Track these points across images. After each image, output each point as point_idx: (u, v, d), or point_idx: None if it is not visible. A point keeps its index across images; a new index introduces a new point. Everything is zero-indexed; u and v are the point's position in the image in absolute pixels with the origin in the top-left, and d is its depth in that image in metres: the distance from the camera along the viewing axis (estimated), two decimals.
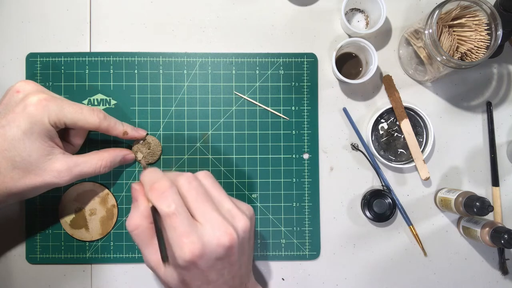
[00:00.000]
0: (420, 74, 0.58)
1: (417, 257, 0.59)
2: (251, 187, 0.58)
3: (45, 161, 0.46)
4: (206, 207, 0.42)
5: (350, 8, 0.59)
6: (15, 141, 0.44)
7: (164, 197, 0.41)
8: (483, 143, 0.59)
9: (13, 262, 0.57)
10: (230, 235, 0.41)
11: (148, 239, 0.44)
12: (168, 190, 0.41)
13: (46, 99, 0.45)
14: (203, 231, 0.40)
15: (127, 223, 0.44)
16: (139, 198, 0.44)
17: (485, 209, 0.49)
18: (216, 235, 0.40)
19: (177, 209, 0.40)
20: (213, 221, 0.41)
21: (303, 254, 0.58)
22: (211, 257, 0.40)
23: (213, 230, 0.40)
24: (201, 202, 0.42)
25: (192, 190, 0.42)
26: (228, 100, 0.58)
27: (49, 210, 0.57)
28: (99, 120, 0.49)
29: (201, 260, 0.40)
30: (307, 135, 0.58)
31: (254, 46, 0.59)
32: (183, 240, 0.39)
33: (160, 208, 0.41)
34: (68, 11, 0.58)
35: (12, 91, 0.47)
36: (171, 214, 0.40)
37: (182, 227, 0.40)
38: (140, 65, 0.58)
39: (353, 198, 0.59)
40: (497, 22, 0.50)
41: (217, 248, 0.40)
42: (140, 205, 0.44)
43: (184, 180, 0.43)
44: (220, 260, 0.41)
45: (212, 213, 0.41)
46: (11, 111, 0.45)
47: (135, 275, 0.58)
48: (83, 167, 0.49)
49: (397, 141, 0.58)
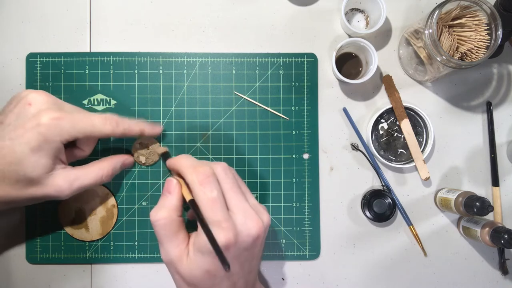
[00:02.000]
0: (420, 74, 0.58)
1: (417, 257, 0.59)
2: (251, 187, 0.58)
3: (47, 176, 0.46)
4: (240, 198, 0.43)
5: (350, 8, 0.59)
6: (22, 157, 0.44)
7: (208, 181, 0.42)
8: (483, 143, 0.59)
9: (13, 262, 0.57)
10: (260, 226, 0.42)
11: (173, 232, 0.44)
12: (211, 176, 0.43)
13: (58, 117, 0.45)
14: (236, 220, 0.42)
15: (155, 213, 0.44)
16: (174, 190, 0.45)
17: (485, 209, 0.49)
18: (248, 225, 0.42)
19: (218, 195, 0.42)
20: (245, 212, 0.43)
21: (303, 254, 0.58)
22: (241, 246, 0.42)
23: (245, 219, 0.42)
24: (235, 192, 0.44)
25: (229, 179, 0.44)
26: (228, 100, 0.58)
27: (49, 210, 0.57)
28: (112, 128, 0.49)
29: (233, 247, 0.41)
30: (307, 135, 0.58)
31: (254, 46, 0.59)
32: (221, 225, 0.41)
33: (204, 191, 0.42)
34: (68, 11, 0.58)
35: (24, 102, 0.46)
36: (213, 200, 0.41)
37: (221, 212, 0.41)
38: (140, 65, 0.58)
39: (353, 198, 0.59)
40: (497, 22, 0.50)
41: (247, 237, 0.42)
42: (174, 197, 0.44)
43: (221, 169, 0.44)
44: (246, 250, 0.43)
45: (245, 204, 0.43)
46: (21, 126, 0.44)
47: (135, 275, 0.58)
48: (84, 179, 0.49)
49: (397, 141, 0.58)
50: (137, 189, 0.57)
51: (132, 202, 0.57)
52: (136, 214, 0.57)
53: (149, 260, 0.57)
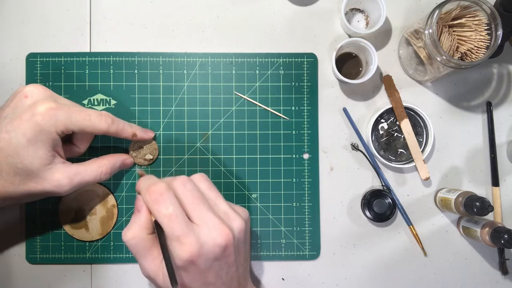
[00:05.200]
0: (420, 74, 0.58)
1: (417, 257, 0.59)
2: (251, 187, 0.58)
3: (45, 170, 0.46)
4: (202, 209, 0.42)
5: (350, 8, 0.59)
6: (19, 148, 0.44)
7: (162, 199, 0.41)
8: (483, 143, 0.59)
9: (13, 262, 0.57)
10: (226, 235, 0.41)
11: (146, 249, 0.44)
12: (165, 193, 0.42)
13: (54, 108, 0.45)
14: (200, 232, 0.41)
15: (125, 233, 0.44)
16: (142, 208, 0.44)
17: (485, 209, 0.49)
18: (212, 235, 0.41)
19: (174, 211, 0.41)
20: (209, 222, 0.41)
21: (303, 254, 0.58)
22: (209, 257, 0.41)
23: (209, 230, 0.41)
24: (196, 204, 0.42)
25: (188, 192, 0.43)
26: (228, 100, 0.58)
27: (49, 210, 0.57)
28: (107, 125, 0.49)
29: (199, 260, 0.40)
30: (307, 135, 0.58)
31: (254, 46, 0.59)
32: (181, 241, 0.40)
33: (158, 210, 0.41)
34: (68, 11, 0.58)
35: (20, 95, 0.46)
36: (169, 216, 0.41)
37: (180, 228, 0.40)
38: (140, 65, 0.58)
39: (353, 198, 0.59)
40: (497, 22, 0.50)
41: (214, 248, 0.41)
42: (142, 215, 0.44)
43: (179, 184, 0.43)
44: (217, 260, 0.41)
45: (208, 214, 0.42)
46: (18, 117, 0.44)
47: (135, 275, 0.58)
48: (83, 176, 0.49)
49: (397, 141, 0.58)
50: None
51: (132, 202, 0.57)
52: None
53: None
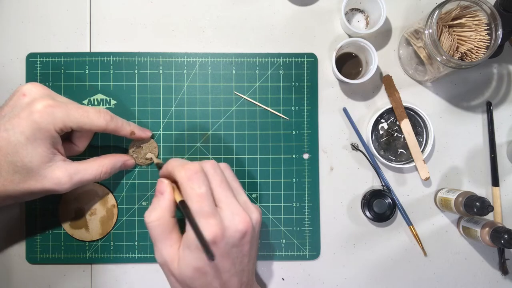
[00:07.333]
0: (420, 74, 0.58)
1: (417, 257, 0.59)
2: (251, 187, 0.58)
3: (45, 168, 0.46)
4: (228, 194, 0.44)
5: (350, 8, 0.59)
6: (18, 146, 0.44)
7: (197, 177, 0.42)
8: (483, 143, 0.59)
9: (13, 262, 0.57)
10: (247, 222, 0.43)
11: (167, 232, 0.44)
12: (200, 172, 0.43)
13: (52, 105, 0.45)
14: (224, 215, 0.42)
15: (148, 214, 0.44)
16: (166, 191, 0.45)
17: (485, 209, 0.49)
18: (235, 220, 0.42)
19: (206, 191, 0.42)
20: (233, 208, 0.43)
21: (303, 254, 0.58)
22: (229, 242, 0.42)
23: (232, 215, 0.42)
24: (223, 188, 0.44)
25: (217, 176, 0.44)
26: (228, 100, 0.58)
27: (49, 210, 0.57)
28: (106, 122, 0.49)
29: (221, 243, 0.41)
30: (307, 135, 0.58)
31: (254, 46, 0.59)
32: (208, 221, 0.41)
33: (192, 187, 0.42)
34: (68, 11, 0.58)
35: (18, 93, 0.46)
36: (201, 195, 0.42)
37: (208, 208, 0.41)
38: (140, 65, 0.58)
39: (353, 198, 0.59)
40: (497, 22, 0.50)
41: (235, 233, 0.42)
42: (166, 198, 0.44)
43: (209, 166, 0.44)
44: (235, 247, 0.43)
45: (233, 200, 0.43)
46: (16, 116, 0.44)
47: (135, 275, 0.58)
48: (84, 174, 0.49)
49: (397, 141, 0.58)
50: (137, 189, 0.57)
51: (132, 202, 0.57)
52: (136, 214, 0.57)
53: (149, 260, 0.57)
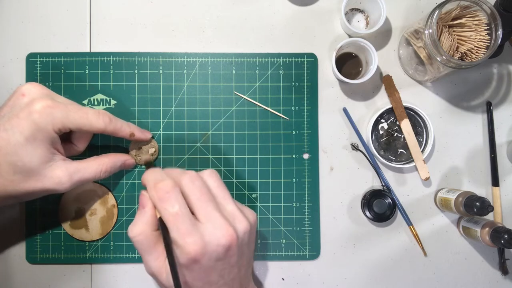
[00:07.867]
0: (420, 74, 0.58)
1: (417, 257, 0.59)
2: (251, 187, 0.58)
3: (46, 167, 0.46)
4: (208, 207, 0.42)
5: (350, 8, 0.59)
6: (18, 147, 0.44)
7: (167, 197, 0.41)
8: (483, 143, 0.59)
9: (13, 262, 0.57)
10: (230, 236, 0.41)
11: (151, 245, 0.44)
12: (171, 191, 0.42)
13: (51, 105, 0.45)
14: (204, 230, 0.41)
15: (130, 229, 0.43)
16: (147, 205, 0.44)
17: (485, 209, 0.49)
18: (217, 235, 0.41)
19: (180, 209, 0.41)
20: (214, 221, 0.41)
21: (303, 254, 0.58)
22: (212, 257, 0.41)
23: (214, 229, 0.41)
24: (203, 201, 0.42)
25: (196, 189, 0.43)
26: (228, 100, 0.58)
27: (49, 210, 0.57)
28: (105, 124, 0.48)
29: (203, 259, 0.40)
30: (307, 135, 0.58)
31: (254, 46, 0.59)
32: (186, 240, 0.40)
33: (164, 208, 0.41)
34: (68, 11, 0.58)
35: (18, 93, 0.46)
36: (174, 215, 0.41)
37: (184, 226, 0.40)
38: (140, 65, 0.58)
39: (353, 198, 0.59)
40: (497, 22, 0.50)
41: (217, 247, 0.41)
42: (147, 212, 0.44)
43: (187, 180, 0.43)
44: (220, 260, 0.41)
45: (214, 213, 0.42)
46: (15, 116, 0.44)
47: (135, 275, 0.58)
48: (84, 173, 0.49)
49: (397, 141, 0.58)
50: (137, 189, 0.57)
51: (132, 202, 0.57)
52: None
53: None
